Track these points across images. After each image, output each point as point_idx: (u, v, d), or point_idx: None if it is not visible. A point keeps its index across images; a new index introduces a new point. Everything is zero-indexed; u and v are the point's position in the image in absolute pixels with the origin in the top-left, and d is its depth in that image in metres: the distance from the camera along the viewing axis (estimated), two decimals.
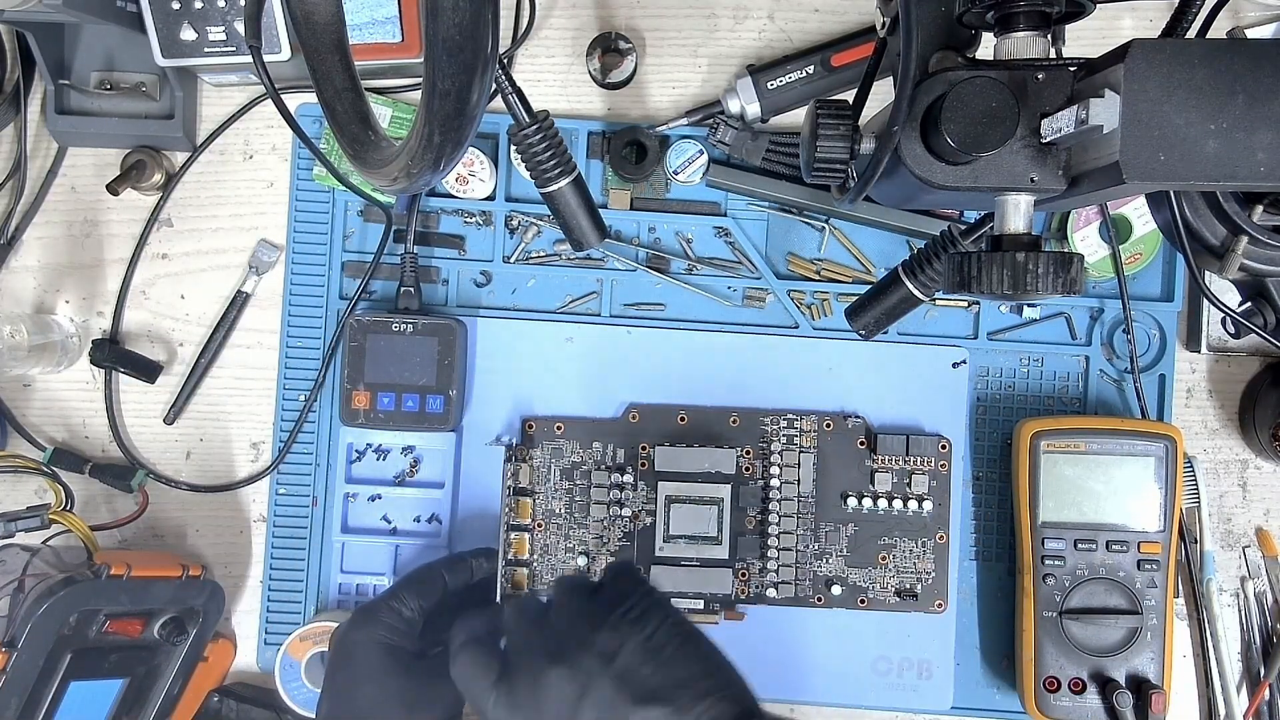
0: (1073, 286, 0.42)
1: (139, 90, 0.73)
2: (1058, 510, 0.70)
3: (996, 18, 0.44)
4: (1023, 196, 0.44)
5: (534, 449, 0.74)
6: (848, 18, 0.75)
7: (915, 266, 0.59)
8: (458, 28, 0.34)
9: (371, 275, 0.74)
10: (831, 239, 0.75)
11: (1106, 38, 0.73)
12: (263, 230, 0.76)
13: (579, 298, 0.76)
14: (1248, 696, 0.74)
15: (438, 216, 0.76)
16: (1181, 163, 0.39)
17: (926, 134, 0.44)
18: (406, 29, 0.69)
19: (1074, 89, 0.43)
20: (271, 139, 0.76)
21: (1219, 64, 0.38)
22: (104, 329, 0.76)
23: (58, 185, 0.76)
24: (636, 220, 0.76)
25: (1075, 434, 0.70)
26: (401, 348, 0.72)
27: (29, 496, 0.75)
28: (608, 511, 0.73)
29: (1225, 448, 0.76)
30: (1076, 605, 0.69)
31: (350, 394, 0.72)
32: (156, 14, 0.66)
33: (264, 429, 0.76)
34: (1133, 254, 0.74)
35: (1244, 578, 0.76)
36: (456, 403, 0.72)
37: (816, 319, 0.75)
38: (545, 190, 0.61)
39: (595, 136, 0.75)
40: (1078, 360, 0.75)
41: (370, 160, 0.48)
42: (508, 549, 0.73)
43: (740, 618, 0.74)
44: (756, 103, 0.72)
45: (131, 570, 0.65)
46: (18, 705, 0.60)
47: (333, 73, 0.51)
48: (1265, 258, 0.54)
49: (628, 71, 0.74)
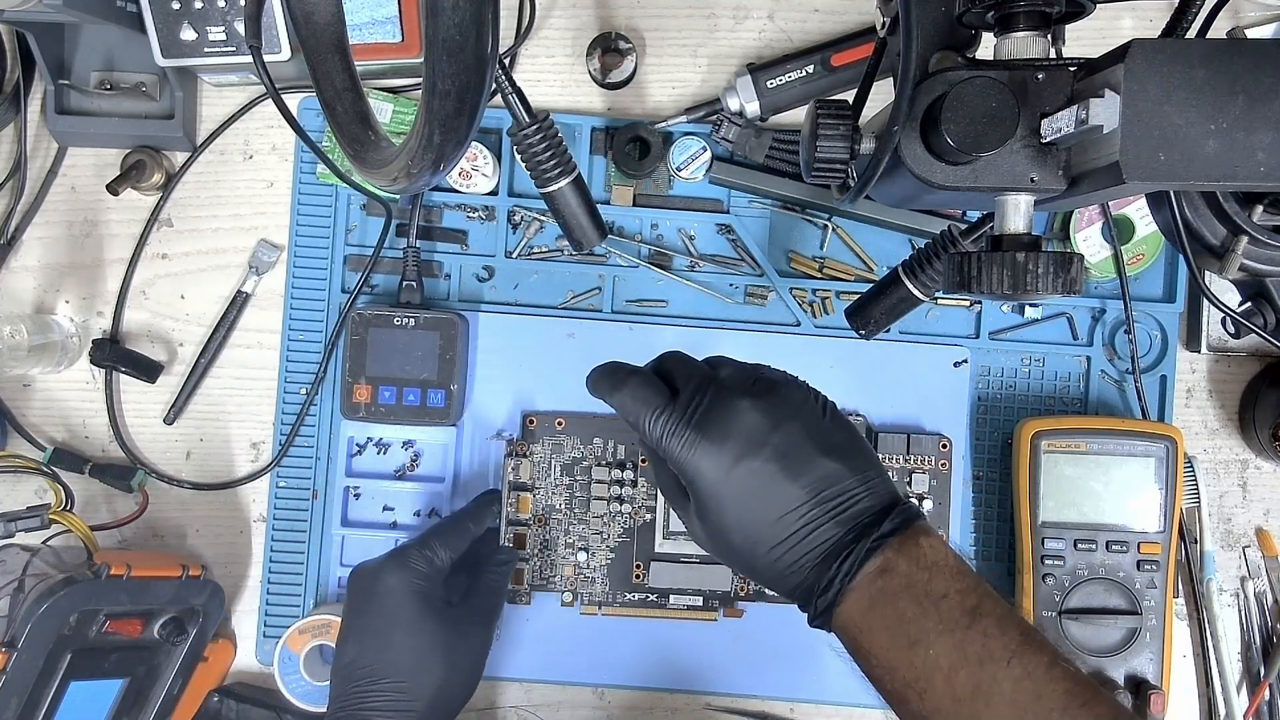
0: (1073, 286, 0.42)
1: (139, 90, 0.73)
2: (1058, 510, 0.70)
3: (996, 18, 0.44)
4: (1023, 196, 0.44)
5: (535, 444, 0.74)
6: (848, 18, 0.75)
7: (915, 266, 0.59)
8: (458, 28, 0.34)
9: (373, 269, 0.75)
10: (834, 237, 0.75)
11: (1106, 38, 0.73)
12: (263, 230, 0.76)
13: (581, 294, 0.76)
14: (1248, 696, 0.74)
15: (440, 211, 0.76)
16: (1181, 163, 0.38)
17: (926, 134, 0.44)
18: (406, 29, 0.69)
19: (1074, 89, 0.43)
20: (271, 139, 0.76)
21: (1219, 64, 0.38)
22: (104, 329, 0.76)
23: (58, 185, 0.76)
24: (639, 217, 0.76)
25: (1076, 434, 0.70)
26: (403, 342, 0.72)
27: (29, 496, 0.75)
28: (608, 507, 0.73)
29: (1225, 448, 0.76)
30: (1076, 605, 0.69)
31: (351, 388, 0.72)
32: (156, 14, 0.66)
33: (264, 428, 0.76)
34: (1135, 255, 0.74)
35: (1244, 578, 0.76)
36: (458, 397, 0.72)
37: (818, 317, 0.75)
38: (545, 190, 0.61)
39: (598, 133, 0.75)
40: (1079, 360, 0.75)
41: (370, 160, 0.48)
42: (508, 544, 0.73)
43: (740, 615, 0.74)
44: (756, 102, 0.72)
45: (131, 570, 0.65)
46: (18, 705, 0.60)
47: (333, 73, 0.51)
48: (1265, 258, 0.54)
49: (628, 71, 0.74)
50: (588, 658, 0.74)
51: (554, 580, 0.74)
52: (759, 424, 0.49)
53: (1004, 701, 0.44)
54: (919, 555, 0.47)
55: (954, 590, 0.47)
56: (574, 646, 0.74)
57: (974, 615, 0.46)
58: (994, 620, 0.46)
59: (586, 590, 0.74)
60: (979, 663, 0.45)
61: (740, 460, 0.49)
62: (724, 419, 0.50)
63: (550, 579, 0.74)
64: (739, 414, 0.50)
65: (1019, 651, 0.45)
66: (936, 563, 0.47)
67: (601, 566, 0.74)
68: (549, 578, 0.74)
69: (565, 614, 0.74)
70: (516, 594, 0.74)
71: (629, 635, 0.74)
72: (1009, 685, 0.44)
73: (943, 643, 0.46)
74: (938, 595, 0.46)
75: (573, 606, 0.74)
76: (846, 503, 0.49)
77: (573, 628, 0.74)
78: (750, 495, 0.49)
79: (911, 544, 0.48)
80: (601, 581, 0.74)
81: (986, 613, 0.46)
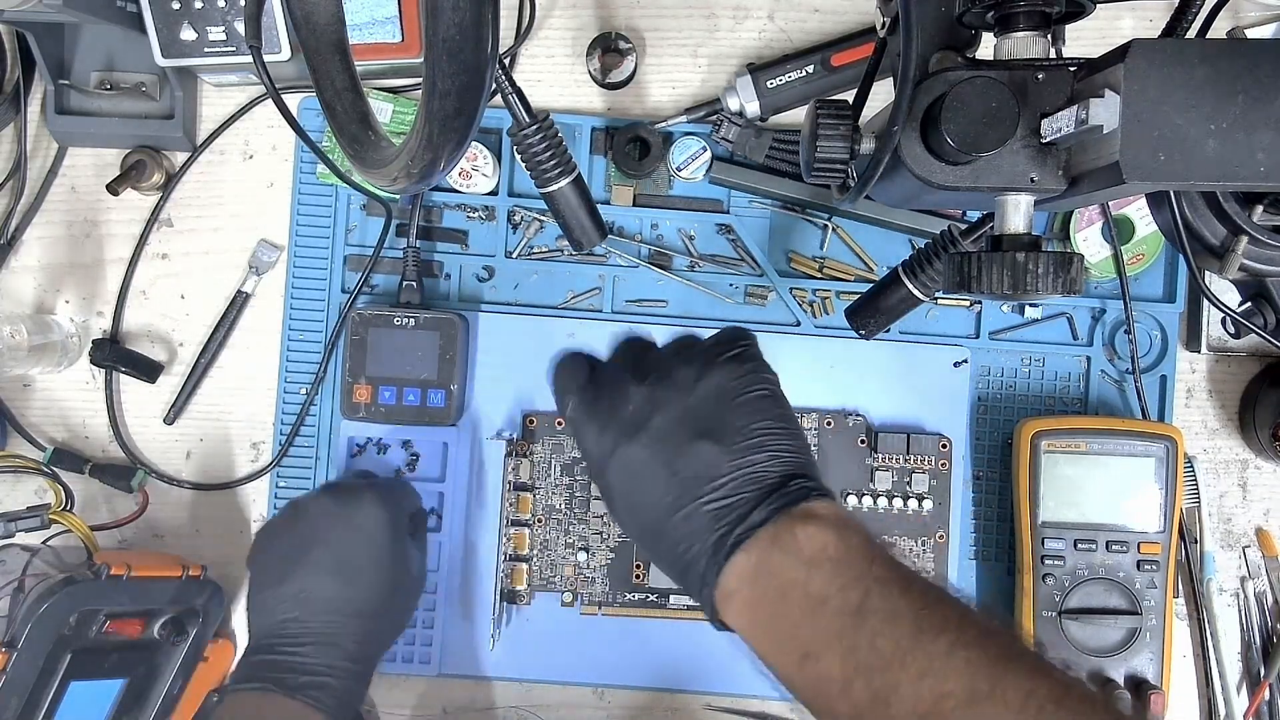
0: (1072, 286, 0.42)
1: (139, 90, 0.73)
2: (1058, 510, 0.70)
3: (996, 18, 0.44)
4: (1023, 196, 0.44)
5: (535, 444, 0.74)
6: (848, 18, 0.75)
7: (915, 266, 0.59)
8: (458, 28, 0.34)
9: (373, 269, 0.75)
10: (834, 237, 0.75)
11: (1106, 38, 0.73)
12: (263, 230, 0.76)
13: (581, 294, 0.76)
14: (1248, 696, 0.74)
15: (440, 211, 0.76)
16: (1181, 163, 0.38)
17: (926, 134, 0.44)
18: (406, 29, 0.69)
19: (1074, 89, 0.43)
20: (271, 139, 0.76)
21: (1219, 64, 0.38)
22: (104, 329, 0.76)
23: (58, 185, 0.76)
24: (639, 217, 0.76)
25: (1076, 434, 0.70)
26: (403, 342, 0.72)
27: (29, 496, 0.75)
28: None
29: (1225, 448, 0.76)
30: (1076, 605, 0.69)
31: (351, 388, 0.72)
32: (156, 14, 0.66)
33: (264, 429, 0.76)
34: (1135, 255, 0.74)
35: (1244, 578, 0.76)
36: (458, 397, 0.72)
37: (818, 317, 0.75)
38: (545, 190, 0.61)
39: (598, 133, 0.75)
40: (1079, 360, 0.75)
41: (370, 160, 0.48)
42: (507, 544, 0.73)
43: None
44: (756, 102, 0.72)
45: (131, 570, 0.65)
46: (18, 705, 0.60)
47: (333, 73, 0.51)
48: (1265, 258, 0.54)
49: (628, 71, 0.74)
50: (588, 658, 0.74)
51: (554, 580, 0.74)
52: (640, 409, 0.49)
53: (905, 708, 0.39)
54: (796, 549, 0.43)
55: (835, 588, 0.42)
56: (574, 646, 0.74)
57: (860, 615, 0.41)
58: (882, 617, 0.41)
59: (586, 590, 0.74)
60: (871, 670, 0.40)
61: (618, 445, 0.49)
62: (611, 405, 0.50)
63: (550, 579, 0.74)
64: (624, 399, 0.50)
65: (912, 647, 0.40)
66: (814, 556, 0.43)
67: (601, 566, 0.74)
68: (549, 578, 0.74)
69: (565, 614, 0.74)
70: (516, 594, 0.74)
71: (629, 635, 0.74)
72: (908, 688, 0.40)
73: (831, 653, 0.41)
74: (818, 599, 0.42)
75: (573, 606, 0.74)
76: (718, 490, 0.46)
77: (573, 628, 0.74)
78: (630, 481, 0.49)
79: (788, 536, 0.44)
80: (601, 581, 0.74)
81: (873, 609, 0.41)
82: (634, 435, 0.49)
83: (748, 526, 0.45)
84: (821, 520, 0.44)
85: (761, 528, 0.44)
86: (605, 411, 0.51)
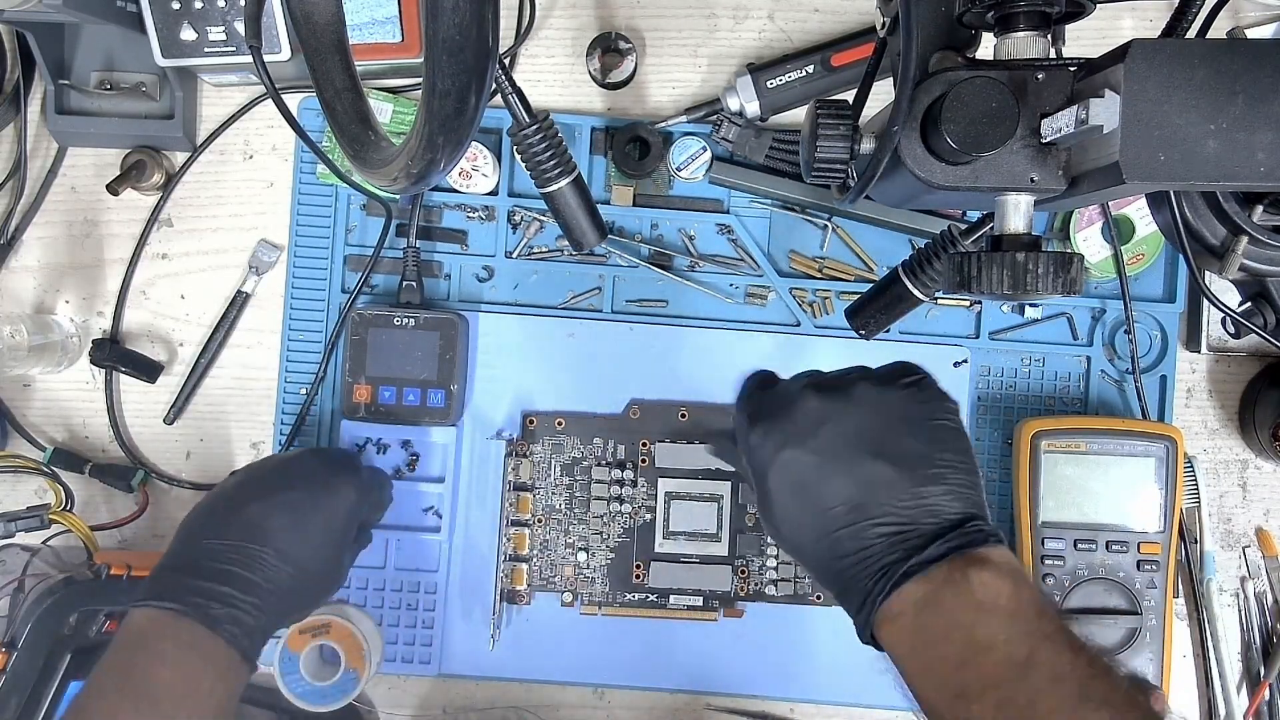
0: (1072, 286, 0.42)
1: (139, 90, 0.73)
2: (1058, 510, 0.70)
3: (996, 18, 0.44)
4: (1023, 196, 0.44)
5: (534, 444, 0.74)
6: (848, 18, 0.75)
7: (915, 266, 0.59)
8: (458, 28, 0.34)
9: (373, 269, 0.75)
10: (834, 237, 0.75)
11: (1106, 38, 0.73)
12: (263, 230, 0.76)
13: (581, 294, 0.76)
14: (1248, 696, 0.74)
15: (440, 211, 0.76)
16: (1181, 163, 0.38)
17: (926, 134, 0.44)
18: (406, 29, 0.69)
19: (1074, 89, 0.43)
20: (271, 139, 0.76)
21: (1219, 64, 0.38)
22: (104, 329, 0.76)
23: (58, 185, 0.76)
24: (639, 217, 0.76)
25: (1076, 434, 0.70)
26: (403, 342, 0.72)
27: (29, 496, 0.75)
28: (608, 507, 0.73)
29: (1225, 448, 0.76)
30: (1076, 605, 0.69)
31: (351, 388, 0.72)
32: (156, 14, 0.66)
33: (264, 429, 0.76)
34: (1135, 255, 0.74)
35: (1244, 578, 0.76)
36: (457, 397, 0.72)
37: (818, 317, 0.75)
38: (545, 190, 0.61)
39: (598, 133, 0.75)
40: (1079, 360, 0.75)
41: (370, 160, 0.48)
42: (507, 544, 0.73)
43: (740, 615, 0.74)
44: (756, 101, 0.72)
45: (131, 570, 0.65)
46: (18, 705, 0.60)
47: (333, 73, 0.51)
48: (1265, 258, 0.54)
49: (628, 71, 0.74)
50: (588, 658, 0.74)
51: (554, 580, 0.74)
52: (811, 415, 0.48)
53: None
54: (967, 592, 0.43)
55: (1001, 640, 0.42)
56: (574, 646, 0.74)
57: (1024, 669, 0.41)
58: (1047, 676, 0.41)
59: (586, 590, 0.74)
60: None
61: (783, 448, 0.48)
62: (783, 408, 0.49)
63: (550, 579, 0.74)
64: (796, 404, 0.49)
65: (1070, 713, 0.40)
66: (985, 603, 0.43)
67: (601, 566, 0.74)
68: (549, 578, 0.74)
69: (565, 614, 0.74)
70: (516, 594, 0.74)
71: (629, 635, 0.74)
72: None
73: (986, 700, 0.41)
74: (984, 645, 0.42)
75: (573, 606, 0.74)
76: (891, 514, 0.45)
77: (573, 628, 0.74)
78: (793, 486, 0.48)
79: (960, 577, 0.43)
80: (601, 581, 0.74)
81: (1040, 664, 0.41)
82: (803, 441, 0.48)
83: (923, 560, 0.44)
84: (996, 568, 0.44)
85: (935, 564, 0.44)
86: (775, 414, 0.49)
